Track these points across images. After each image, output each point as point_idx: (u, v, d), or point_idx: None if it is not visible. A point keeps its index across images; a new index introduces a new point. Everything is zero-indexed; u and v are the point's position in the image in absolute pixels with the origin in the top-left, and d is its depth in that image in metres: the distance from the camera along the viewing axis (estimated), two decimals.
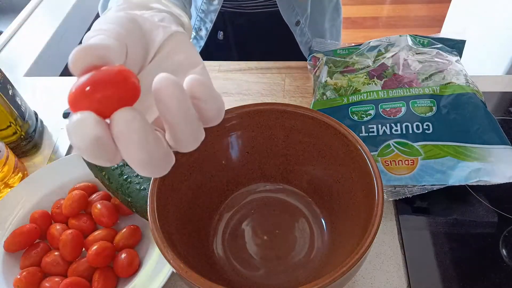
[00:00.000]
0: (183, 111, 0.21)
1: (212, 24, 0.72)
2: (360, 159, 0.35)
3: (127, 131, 0.19)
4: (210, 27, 0.73)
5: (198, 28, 0.75)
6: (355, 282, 0.41)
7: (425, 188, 0.44)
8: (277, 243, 0.40)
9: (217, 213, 0.43)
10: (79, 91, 0.19)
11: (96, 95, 0.19)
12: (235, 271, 0.38)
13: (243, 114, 0.40)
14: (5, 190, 0.50)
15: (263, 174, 0.44)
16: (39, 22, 0.87)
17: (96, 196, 0.47)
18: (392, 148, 0.46)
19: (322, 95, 0.53)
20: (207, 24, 0.73)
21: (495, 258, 0.41)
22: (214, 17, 0.71)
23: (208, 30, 0.73)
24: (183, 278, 0.29)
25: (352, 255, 0.29)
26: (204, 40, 0.75)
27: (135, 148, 0.20)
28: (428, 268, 0.41)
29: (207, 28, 0.73)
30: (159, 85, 0.21)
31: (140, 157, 0.20)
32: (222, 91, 0.63)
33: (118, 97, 0.20)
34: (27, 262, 0.42)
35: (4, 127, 0.53)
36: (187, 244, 0.36)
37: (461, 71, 0.51)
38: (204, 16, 0.72)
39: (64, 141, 0.59)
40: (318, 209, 0.42)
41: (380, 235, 0.44)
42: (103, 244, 0.41)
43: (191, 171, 0.39)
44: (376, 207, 0.31)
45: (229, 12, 0.72)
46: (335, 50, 0.58)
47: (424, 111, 0.48)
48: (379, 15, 2.29)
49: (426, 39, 0.55)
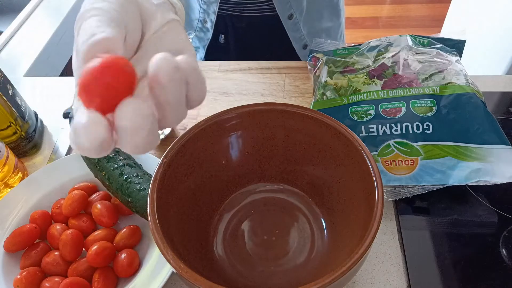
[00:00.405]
0: (178, 94, 0.22)
1: (215, 15, 0.72)
2: (360, 159, 0.35)
3: (133, 123, 0.20)
4: (214, 18, 0.72)
5: (203, 20, 0.74)
6: (355, 282, 0.41)
7: (425, 188, 0.44)
8: (277, 243, 0.40)
9: (217, 213, 0.43)
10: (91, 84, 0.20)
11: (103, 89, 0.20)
12: (235, 271, 0.38)
13: (243, 114, 0.40)
14: (5, 190, 0.50)
15: (263, 174, 0.44)
16: (39, 22, 0.87)
17: (96, 196, 0.47)
18: (392, 148, 0.46)
19: (322, 95, 0.53)
20: (211, 16, 0.72)
21: (495, 258, 0.41)
22: (216, 7, 0.70)
23: (213, 22, 0.73)
24: (183, 278, 0.29)
25: (352, 255, 0.29)
26: (211, 32, 0.75)
27: (140, 137, 0.21)
28: (428, 268, 0.41)
29: (212, 20, 0.73)
30: (158, 67, 0.21)
31: (140, 144, 0.21)
32: (222, 91, 0.63)
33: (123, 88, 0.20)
34: (27, 262, 0.42)
35: (4, 127, 0.53)
36: (187, 244, 0.36)
37: (461, 71, 0.51)
38: (207, 8, 0.72)
39: (64, 141, 0.59)
40: (318, 209, 0.42)
41: (380, 235, 0.44)
42: (103, 244, 0.41)
43: (191, 171, 0.39)
44: (376, 207, 0.31)
45: (230, 15, 0.72)
46: (335, 50, 0.58)
47: (424, 111, 0.48)
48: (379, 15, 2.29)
49: (426, 39, 0.55)
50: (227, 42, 0.77)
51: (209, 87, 0.64)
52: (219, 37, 0.76)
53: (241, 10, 0.70)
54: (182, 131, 0.58)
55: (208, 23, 0.74)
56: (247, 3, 0.69)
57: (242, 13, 0.71)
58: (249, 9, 0.70)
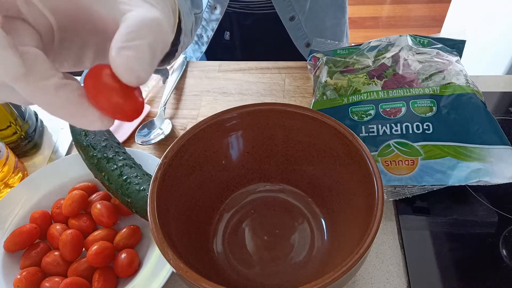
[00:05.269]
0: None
1: (213, 32, 0.72)
2: (360, 159, 0.35)
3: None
4: (212, 35, 0.73)
5: (199, 35, 0.75)
6: (355, 282, 0.41)
7: (425, 188, 0.44)
8: (277, 243, 0.40)
9: (217, 213, 0.43)
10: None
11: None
12: (235, 271, 0.38)
13: (243, 114, 0.40)
14: (5, 190, 0.50)
15: (263, 174, 0.44)
16: None
17: (96, 196, 0.47)
18: (392, 148, 0.46)
19: (322, 95, 0.53)
20: (209, 32, 0.73)
21: (495, 258, 0.41)
22: (216, 25, 0.71)
23: (209, 38, 0.74)
24: (183, 278, 0.29)
25: (352, 255, 0.29)
26: (206, 46, 0.75)
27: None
28: (428, 268, 0.41)
29: (208, 36, 0.74)
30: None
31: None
32: (222, 91, 0.63)
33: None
34: (27, 262, 0.42)
35: (4, 127, 0.53)
36: (187, 244, 0.36)
37: (461, 71, 0.51)
38: (206, 24, 0.72)
39: (64, 141, 0.59)
40: (318, 209, 0.42)
41: (380, 235, 0.44)
42: (103, 244, 0.41)
43: (191, 171, 0.39)
44: (376, 207, 0.31)
45: (236, 12, 0.72)
46: (335, 50, 0.58)
47: (424, 111, 0.48)
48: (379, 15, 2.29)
49: (426, 39, 0.55)
50: (232, 39, 0.77)
51: (209, 87, 0.64)
52: (225, 34, 0.76)
53: (247, 8, 0.70)
54: (182, 131, 0.58)
55: (204, 38, 0.75)
56: (253, 1, 0.69)
57: (248, 10, 0.71)
58: (255, 7, 0.70)
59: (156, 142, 0.54)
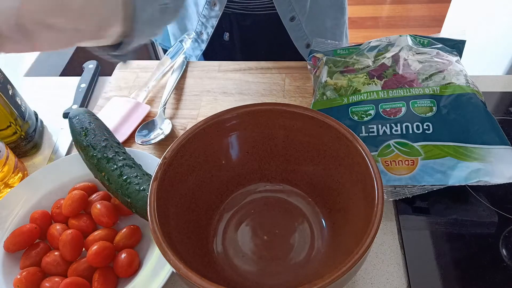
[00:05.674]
0: None
1: (213, 29, 0.72)
2: (360, 159, 0.35)
3: None
4: (211, 32, 0.73)
5: (199, 32, 0.75)
6: (355, 282, 0.41)
7: (425, 188, 0.44)
8: (277, 243, 0.40)
9: (217, 213, 0.43)
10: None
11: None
12: (235, 271, 0.38)
13: (243, 114, 0.40)
14: (5, 190, 0.50)
15: (263, 174, 0.44)
16: None
17: (96, 196, 0.47)
18: (392, 148, 0.46)
19: (322, 95, 0.53)
20: (208, 29, 0.73)
21: (495, 258, 0.41)
22: (215, 22, 0.71)
23: (209, 35, 0.73)
24: (183, 278, 0.29)
25: (352, 255, 0.29)
26: (205, 44, 0.75)
27: None
28: (428, 268, 0.41)
29: (208, 33, 0.73)
30: None
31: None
32: (222, 91, 0.63)
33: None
34: (27, 262, 0.42)
35: (4, 127, 0.53)
36: (187, 244, 0.36)
37: (461, 71, 0.51)
38: (206, 21, 0.72)
39: (64, 141, 0.59)
40: (318, 209, 0.42)
41: (380, 235, 0.44)
42: (103, 244, 0.41)
43: (191, 171, 0.39)
44: (376, 207, 0.31)
45: (236, 13, 0.72)
46: (335, 50, 0.58)
47: (424, 111, 0.48)
48: (379, 15, 2.29)
49: (426, 39, 0.55)
50: (232, 40, 0.77)
51: (209, 87, 0.64)
52: (224, 35, 0.76)
53: (246, 8, 0.70)
54: (182, 131, 0.58)
55: (204, 36, 0.74)
56: (252, 1, 0.69)
57: (247, 11, 0.71)
58: (254, 7, 0.70)
59: (156, 142, 0.54)
